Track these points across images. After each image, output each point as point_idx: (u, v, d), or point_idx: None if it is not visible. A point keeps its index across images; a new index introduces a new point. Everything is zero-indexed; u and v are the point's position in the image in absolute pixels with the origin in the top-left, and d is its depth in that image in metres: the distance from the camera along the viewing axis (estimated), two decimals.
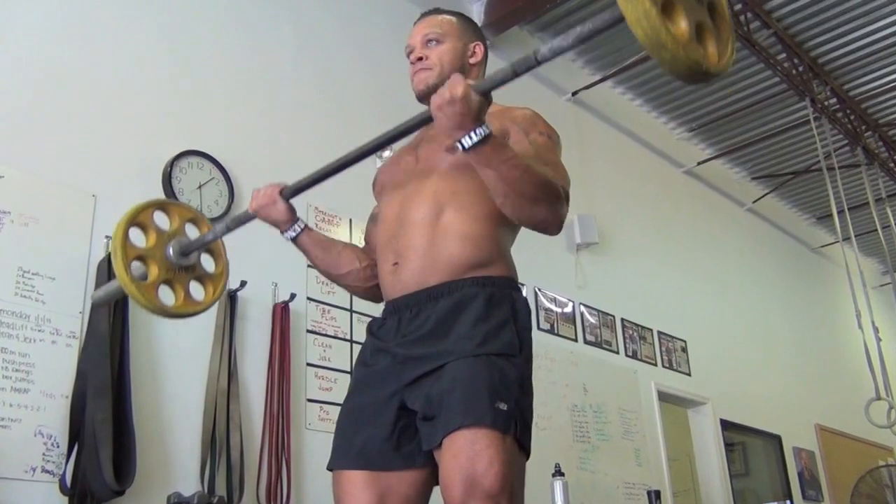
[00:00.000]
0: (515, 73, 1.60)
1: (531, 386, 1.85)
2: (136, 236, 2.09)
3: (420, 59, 2.11)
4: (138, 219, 2.08)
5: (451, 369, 1.76)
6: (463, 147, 1.69)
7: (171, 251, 2.09)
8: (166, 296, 2.08)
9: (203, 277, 2.19)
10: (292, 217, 2.13)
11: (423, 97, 2.11)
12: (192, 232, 2.21)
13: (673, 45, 1.29)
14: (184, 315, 2.12)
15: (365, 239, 2.26)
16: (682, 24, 1.34)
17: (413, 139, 2.17)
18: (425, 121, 1.76)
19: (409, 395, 1.83)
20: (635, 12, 1.27)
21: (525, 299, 1.95)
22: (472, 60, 2.15)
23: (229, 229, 2.16)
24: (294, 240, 2.16)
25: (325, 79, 4.82)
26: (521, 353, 1.84)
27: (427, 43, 2.12)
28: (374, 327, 2.00)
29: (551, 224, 1.82)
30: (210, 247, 2.24)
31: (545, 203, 1.78)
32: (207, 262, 2.24)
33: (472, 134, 1.68)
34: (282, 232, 2.16)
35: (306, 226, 2.16)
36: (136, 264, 2.03)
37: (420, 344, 1.83)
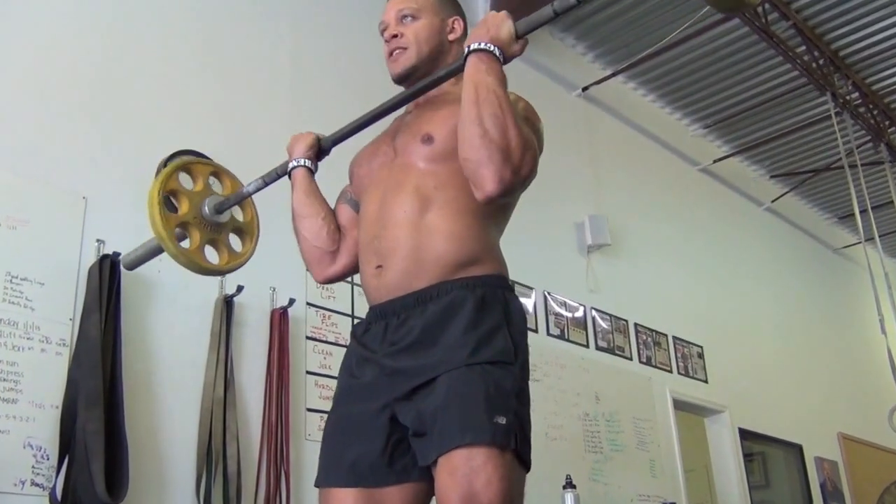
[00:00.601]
0: (555, 13, 1.76)
1: (528, 394, 1.81)
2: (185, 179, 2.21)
3: (395, 36, 2.08)
4: (169, 186, 2.15)
5: (443, 382, 1.72)
6: (468, 49, 1.80)
7: (206, 211, 2.19)
8: (211, 255, 2.20)
9: (238, 229, 2.30)
10: (308, 154, 2.17)
11: (401, 79, 2.08)
12: (216, 186, 2.31)
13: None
14: (232, 269, 2.26)
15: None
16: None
17: (389, 128, 2.13)
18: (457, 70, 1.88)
19: (400, 409, 1.78)
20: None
21: (518, 300, 1.89)
22: (451, 37, 2.11)
23: (266, 183, 2.21)
24: (292, 171, 2.17)
25: (327, 75, 4.82)
26: (517, 359, 1.79)
27: (402, 19, 2.09)
28: (359, 332, 1.96)
29: (489, 174, 1.71)
30: (244, 227, 2.34)
31: (498, 146, 1.71)
32: (236, 213, 2.34)
33: (488, 44, 1.79)
34: (293, 161, 2.18)
35: (311, 171, 2.17)
36: (178, 231, 2.13)
37: (408, 354, 1.79)
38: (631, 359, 6.16)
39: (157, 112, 3.98)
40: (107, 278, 3.41)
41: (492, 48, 1.79)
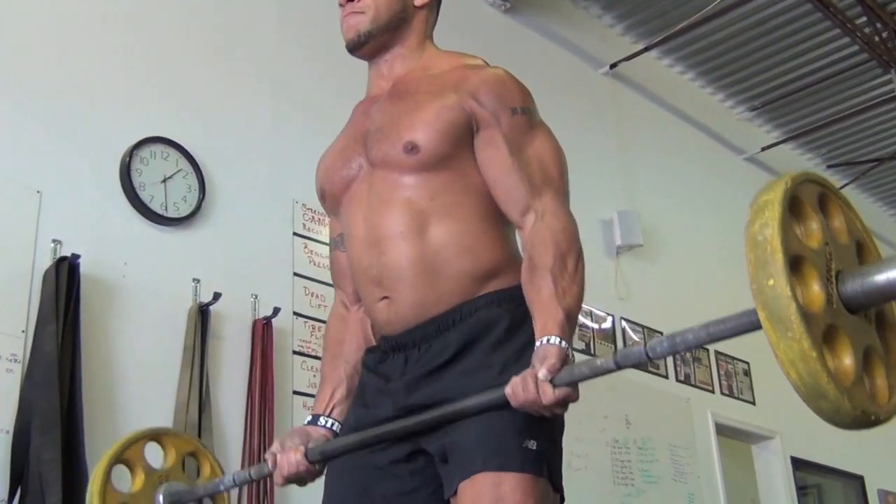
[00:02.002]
0: (618, 365, 1.52)
1: (562, 417, 1.82)
2: (120, 475, 2.07)
3: (350, 0, 2.02)
4: (125, 455, 2.05)
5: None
6: None
7: (160, 500, 2.06)
8: None
9: None
10: (329, 446, 1.95)
11: (355, 47, 2.03)
12: (191, 467, 2.18)
13: (835, 394, 1.20)
14: None
15: (333, 278, 2.16)
16: (847, 360, 1.25)
17: (352, 120, 2.08)
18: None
19: (424, 438, 1.80)
20: (789, 353, 1.21)
21: None
22: (416, 2, 2.04)
23: (236, 485, 2.10)
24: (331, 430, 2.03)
25: (315, 53, 4.83)
26: None
27: None
28: (372, 364, 1.94)
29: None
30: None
31: (578, 246, 1.85)
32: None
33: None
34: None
35: (331, 416, 2.00)
36: None
37: (426, 382, 1.80)
38: (667, 377, 6.15)
39: (123, 98, 3.98)
40: (64, 284, 3.41)
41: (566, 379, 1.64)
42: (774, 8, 6.50)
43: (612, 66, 6.66)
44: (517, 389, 1.61)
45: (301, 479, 1.93)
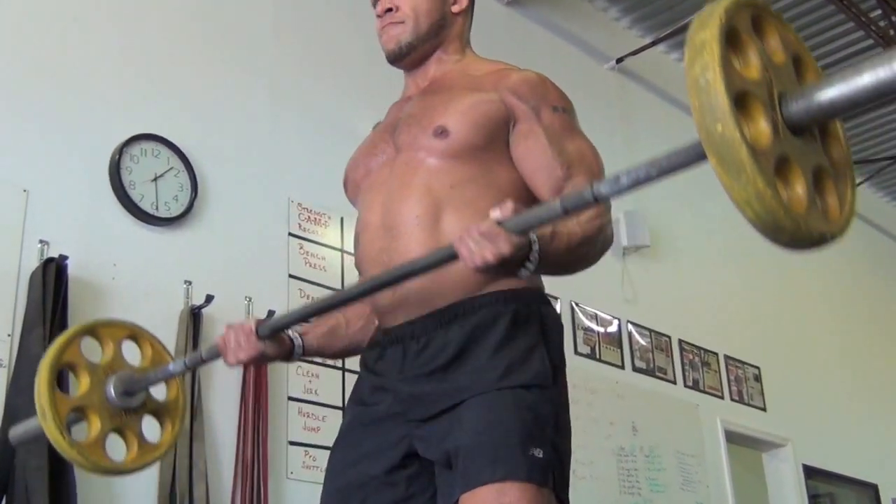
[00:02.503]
0: (565, 210, 1.50)
1: (569, 423, 1.84)
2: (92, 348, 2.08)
3: (389, 10, 2.07)
4: (64, 359, 2.02)
5: (469, 408, 1.74)
6: (520, 276, 1.71)
7: (112, 393, 2.04)
8: (116, 447, 2.04)
9: (156, 411, 2.14)
10: (285, 346, 2.03)
11: (396, 59, 2.08)
12: (132, 352, 2.16)
13: (792, 223, 1.26)
14: (142, 468, 2.09)
15: (356, 264, 2.19)
16: (799, 189, 1.30)
17: (387, 119, 2.13)
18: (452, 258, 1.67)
19: (420, 440, 1.81)
20: (744, 194, 1.25)
21: (556, 315, 1.93)
22: (454, 9, 2.11)
23: (188, 368, 2.10)
24: (302, 357, 2.10)
25: (312, 47, 4.83)
26: (556, 382, 1.82)
27: None
28: (371, 361, 1.96)
29: (605, 251, 1.90)
30: (167, 406, 2.18)
31: (598, 245, 1.84)
32: (157, 389, 2.18)
33: (528, 264, 1.66)
34: (287, 362, 2.10)
35: (302, 336, 2.06)
36: (73, 416, 1.99)
37: (429, 380, 1.81)
38: (675, 382, 6.15)
39: (112, 94, 3.98)
40: (52, 286, 3.41)
41: (534, 264, 1.66)
42: (787, 0, 6.50)
43: (619, 60, 6.66)
44: (463, 232, 1.61)
45: (238, 345, 1.95)
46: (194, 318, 3.82)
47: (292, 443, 4.01)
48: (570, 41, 6.31)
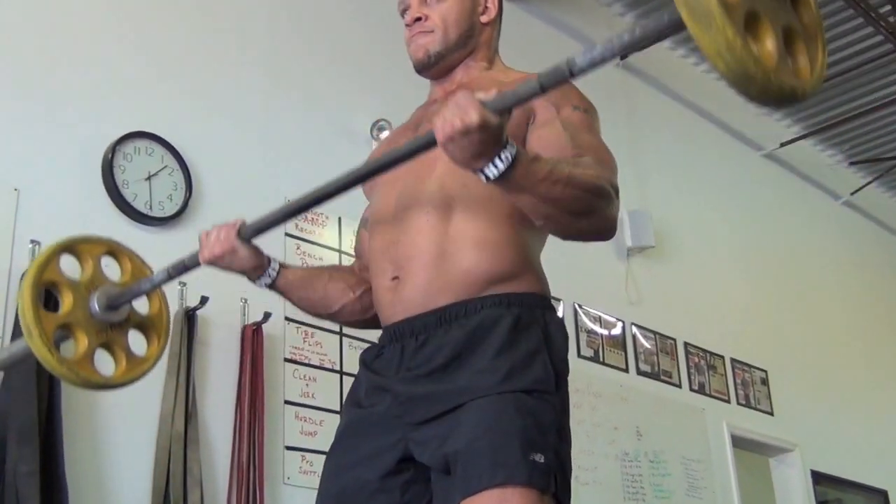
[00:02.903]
0: (542, 88, 1.53)
1: (569, 430, 1.85)
2: (71, 264, 2.11)
3: (418, 19, 2.11)
4: (45, 278, 2.06)
5: (469, 412, 1.75)
6: (486, 178, 1.64)
7: (96, 308, 2.08)
8: (104, 362, 2.09)
9: (141, 324, 2.20)
10: (261, 261, 2.11)
11: (424, 68, 2.12)
12: (112, 268, 2.20)
13: (762, 75, 1.31)
14: (129, 382, 2.14)
15: (356, 251, 2.26)
16: (769, 44, 1.36)
17: (410, 120, 2.17)
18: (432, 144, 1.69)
19: (417, 444, 1.81)
20: (714, 44, 1.29)
21: (560, 321, 1.94)
22: (483, 19, 2.16)
23: (171, 277, 2.13)
24: (270, 286, 2.15)
25: (309, 42, 4.83)
26: (558, 389, 1.83)
27: None
28: (369, 358, 1.99)
29: (604, 232, 1.82)
30: (151, 319, 2.23)
31: (595, 212, 1.77)
32: (139, 303, 2.23)
33: (497, 161, 1.61)
34: (252, 280, 2.13)
35: (281, 265, 2.14)
36: (59, 333, 2.03)
37: (428, 381, 1.82)
38: (680, 386, 6.15)
39: (105, 91, 3.99)
40: None
41: (505, 162, 1.62)
42: None
43: (623, 56, 6.65)
44: (444, 109, 1.60)
45: (216, 239, 2.04)
46: (189, 319, 3.82)
47: (289, 448, 4.01)
48: (573, 37, 6.30)
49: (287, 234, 4.29)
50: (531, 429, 1.73)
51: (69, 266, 2.12)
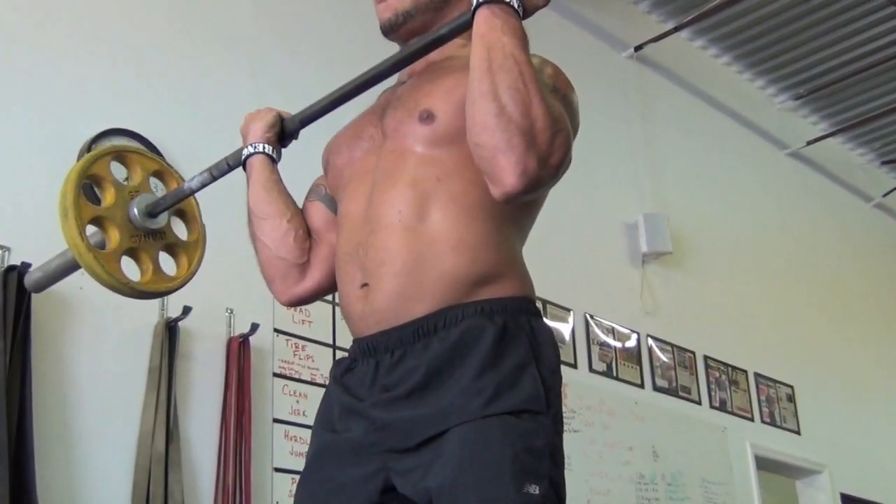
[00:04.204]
0: None
1: (562, 452, 1.79)
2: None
3: None
4: (92, 170, 2.16)
5: (454, 440, 1.70)
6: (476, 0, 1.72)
7: (135, 211, 2.18)
8: (131, 269, 2.17)
9: (174, 246, 2.29)
10: (268, 135, 2.17)
11: (391, 29, 2.08)
12: (158, 189, 2.31)
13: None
14: (155, 294, 2.24)
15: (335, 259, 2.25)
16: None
17: (377, 103, 2.13)
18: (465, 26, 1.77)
19: (398, 474, 1.77)
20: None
21: (549, 328, 1.87)
22: None
23: (214, 178, 2.22)
24: (247, 159, 2.17)
25: (297, 34, 4.83)
26: (549, 406, 1.77)
27: None
28: (340, 372, 1.95)
29: (509, 163, 1.68)
30: (183, 208, 2.33)
31: (521, 127, 1.68)
32: (178, 228, 2.32)
33: None
34: (244, 147, 2.18)
35: (273, 158, 2.17)
36: (91, 230, 2.11)
37: (407, 403, 1.77)
38: (700, 403, 6.14)
39: (79, 85, 3.99)
40: (13, 297, 3.40)
41: None
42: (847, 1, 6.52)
43: (637, 48, 6.66)
44: None
45: (254, 117, 2.20)
46: (170, 331, 3.82)
47: (278, 469, 4.01)
48: (585, 27, 6.31)
49: None
50: (522, 456, 1.68)
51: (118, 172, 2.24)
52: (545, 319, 1.90)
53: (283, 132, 2.19)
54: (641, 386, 5.80)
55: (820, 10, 6.72)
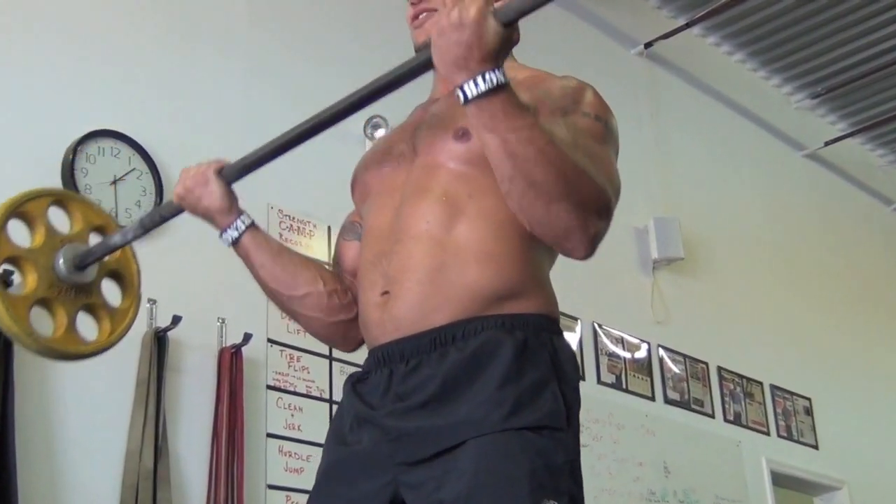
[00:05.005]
0: None
1: (581, 471, 1.82)
2: (19, 230, 2.10)
3: None
4: (25, 208, 2.11)
5: (470, 453, 1.72)
6: (463, 96, 1.68)
7: (61, 261, 2.10)
8: (42, 321, 2.09)
9: (98, 308, 2.20)
10: (232, 207, 2.15)
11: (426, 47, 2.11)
12: (59, 219, 2.21)
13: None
14: (61, 355, 2.14)
15: (334, 260, 2.24)
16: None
17: (408, 120, 2.15)
18: (425, 65, 1.76)
19: (409, 488, 1.78)
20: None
21: (570, 347, 1.91)
22: (498, 5, 2.13)
23: (145, 229, 2.16)
24: (235, 242, 2.15)
25: (294, 30, 4.83)
26: (570, 424, 1.81)
27: None
28: (353, 382, 1.96)
29: (576, 240, 1.78)
30: (120, 271, 2.26)
31: (570, 204, 1.73)
32: (111, 291, 2.25)
33: (479, 79, 1.66)
34: (220, 231, 2.15)
35: (253, 223, 2.16)
36: (7, 267, 2.06)
37: (421, 413, 1.79)
38: (713, 416, 6.14)
39: (65, 84, 3.99)
40: None
41: (487, 83, 1.67)
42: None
43: (648, 45, 6.66)
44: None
45: (198, 189, 2.11)
46: (159, 342, 3.81)
47: (271, 486, 4.01)
48: (591, 22, 6.32)
49: None
50: (541, 472, 1.70)
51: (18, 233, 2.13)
52: (566, 339, 1.93)
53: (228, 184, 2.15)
54: (652, 398, 5.80)
55: (838, 4, 6.71)
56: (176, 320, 3.83)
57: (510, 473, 1.69)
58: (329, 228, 4.49)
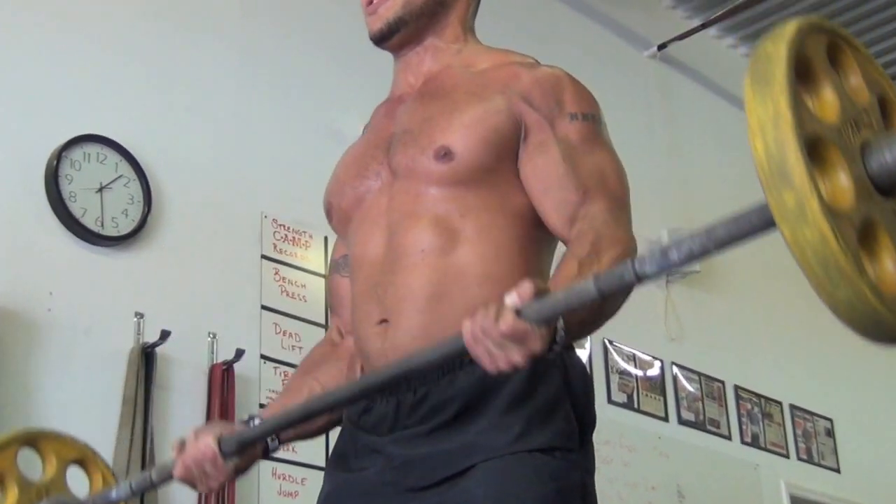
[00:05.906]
0: (601, 294, 1.48)
1: (595, 494, 1.83)
2: None
3: None
4: None
5: (480, 477, 1.72)
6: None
7: None
8: None
9: (77, 461, 2.19)
10: (258, 448, 2.04)
11: (382, 38, 2.09)
12: (78, 479, 2.18)
13: (884, 312, 1.15)
14: None
15: (332, 306, 2.21)
16: (889, 264, 1.20)
17: (375, 127, 2.14)
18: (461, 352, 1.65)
19: None
20: (829, 281, 1.17)
21: (582, 363, 1.92)
22: None
23: (134, 493, 2.11)
24: (281, 444, 2.08)
25: (289, 33, 4.84)
26: (583, 445, 1.82)
27: None
28: (355, 414, 1.95)
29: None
30: None
31: (606, 314, 1.85)
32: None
33: (555, 346, 1.62)
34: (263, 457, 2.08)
35: (275, 435, 2.03)
36: None
37: (428, 440, 1.80)
38: (730, 438, 6.14)
39: (49, 87, 4.01)
40: None
41: (560, 344, 1.64)
42: None
43: (661, 46, 6.67)
44: (474, 327, 1.56)
45: (204, 473, 1.92)
46: (147, 358, 3.83)
47: None
48: (603, 23, 6.33)
49: (264, 257, 4.29)
50: (553, 496, 1.71)
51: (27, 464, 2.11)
52: (576, 354, 1.95)
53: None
54: (665, 419, 5.80)
55: (861, 5, 6.73)
56: (164, 335, 3.84)
57: (522, 497, 1.70)
58: (325, 239, 4.48)
